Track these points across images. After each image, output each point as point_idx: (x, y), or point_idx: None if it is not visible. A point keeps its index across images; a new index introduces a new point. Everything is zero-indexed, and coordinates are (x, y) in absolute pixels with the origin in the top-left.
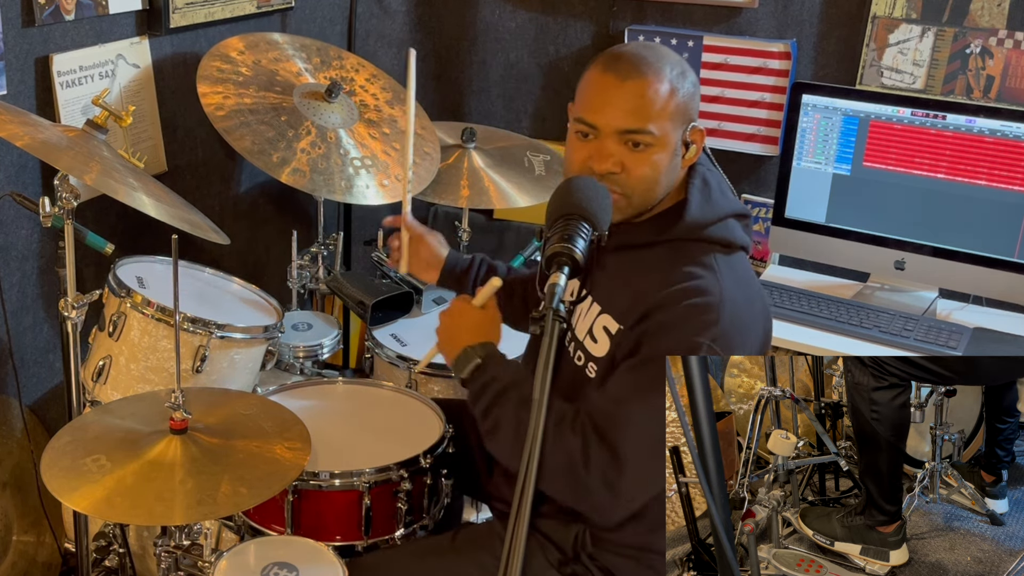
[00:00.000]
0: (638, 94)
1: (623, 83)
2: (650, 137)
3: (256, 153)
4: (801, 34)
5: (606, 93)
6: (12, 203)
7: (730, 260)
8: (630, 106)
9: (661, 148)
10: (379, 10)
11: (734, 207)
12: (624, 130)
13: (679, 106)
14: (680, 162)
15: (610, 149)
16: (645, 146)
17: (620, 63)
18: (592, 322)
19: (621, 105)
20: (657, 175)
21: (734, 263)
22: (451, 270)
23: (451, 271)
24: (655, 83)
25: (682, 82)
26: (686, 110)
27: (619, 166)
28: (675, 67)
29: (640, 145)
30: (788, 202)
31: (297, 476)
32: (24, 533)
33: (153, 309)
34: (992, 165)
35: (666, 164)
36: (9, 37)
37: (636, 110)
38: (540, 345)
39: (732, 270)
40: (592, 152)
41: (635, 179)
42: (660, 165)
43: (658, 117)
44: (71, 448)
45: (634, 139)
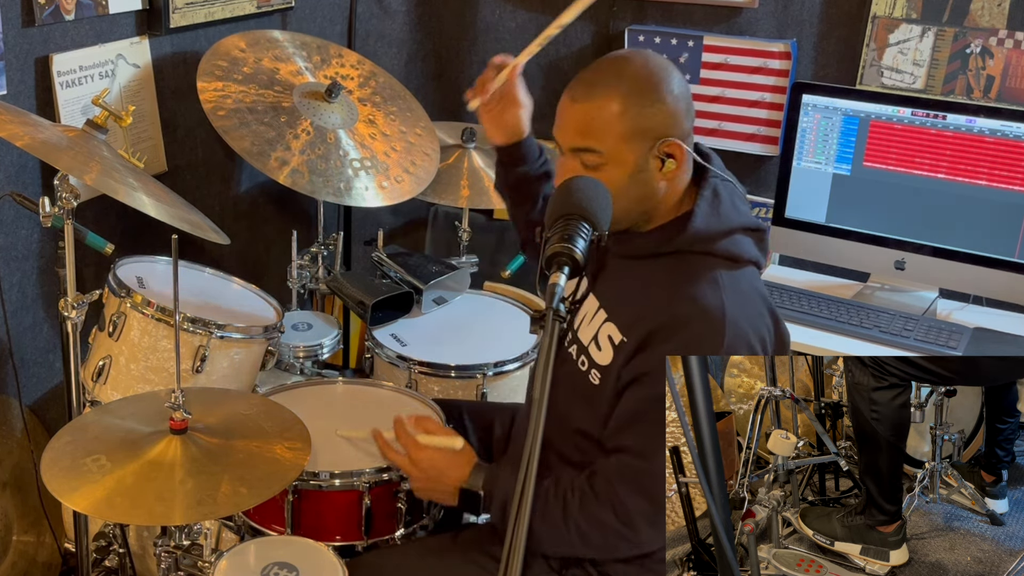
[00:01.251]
0: (584, 114)
1: (573, 104)
2: (595, 156)
3: (255, 154)
4: (801, 34)
5: (563, 113)
6: (12, 203)
7: (735, 276)
8: (576, 126)
9: (614, 165)
10: (379, 10)
11: (744, 221)
12: (573, 148)
13: (635, 125)
14: (652, 176)
15: (570, 165)
16: (594, 165)
17: (577, 84)
18: (598, 329)
19: (570, 124)
20: (615, 188)
21: (739, 279)
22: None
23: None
24: (605, 103)
25: (641, 100)
26: (645, 127)
27: None
28: (636, 84)
29: (589, 165)
30: (788, 202)
31: (297, 476)
32: (24, 533)
33: (153, 309)
34: (992, 165)
35: (624, 180)
36: (9, 37)
37: (581, 130)
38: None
39: (736, 286)
40: (559, 166)
41: None
42: (616, 180)
43: (605, 136)
44: (71, 448)
45: (582, 157)
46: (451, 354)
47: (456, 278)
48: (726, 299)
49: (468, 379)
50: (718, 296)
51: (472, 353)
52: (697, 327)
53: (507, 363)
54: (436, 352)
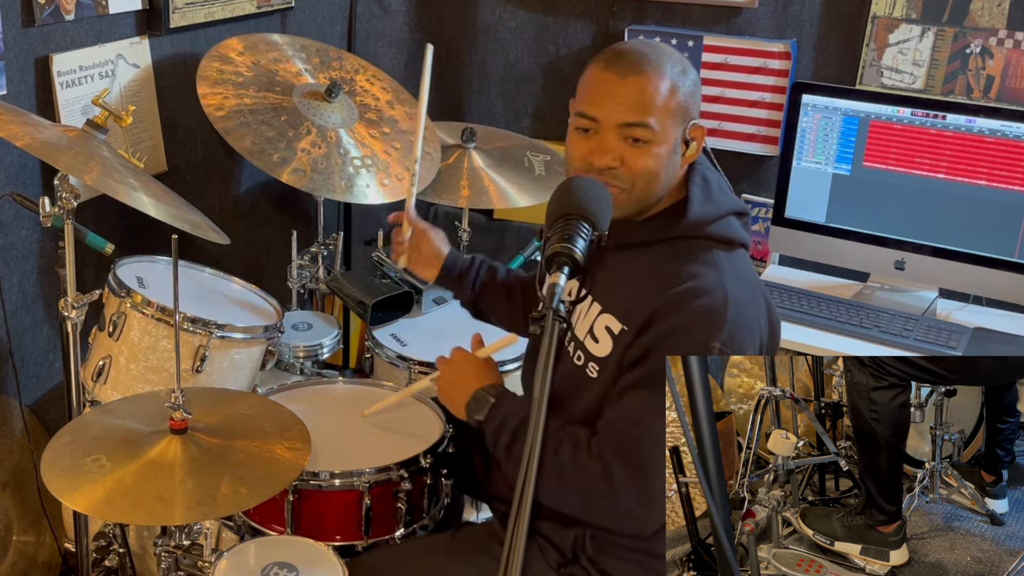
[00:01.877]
0: (639, 89)
1: (624, 78)
2: (649, 132)
3: (256, 153)
4: (801, 34)
5: (608, 88)
6: (12, 203)
7: (732, 257)
8: (631, 101)
9: (660, 143)
10: (379, 10)
11: (734, 205)
12: (624, 123)
13: (679, 103)
14: (680, 159)
15: (610, 144)
16: (644, 141)
17: (622, 59)
18: (593, 321)
19: (622, 100)
20: (657, 169)
21: (735, 260)
22: (450, 269)
23: (450, 270)
24: (656, 79)
25: (683, 80)
26: (686, 107)
27: (619, 160)
28: (676, 65)
29: (640, 140)
30: (788, 202)
31: (297, 476)
32: (24, 533)
33: (153, 309)
34: (992, 165)
35: (666, 159)
36: (9, 37)
37: (636, 105)
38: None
39: (734, 267)
40: (593, 147)
41: (635, 173)
42: (660, 160)
43: (658, 112)
44: (71, 448)
45: (634, 134)
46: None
47: None
48: (725, 278)
49: None
50: (718, 275)
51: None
52: (701, 303)
53: (507, 363)
54: (436, 352)
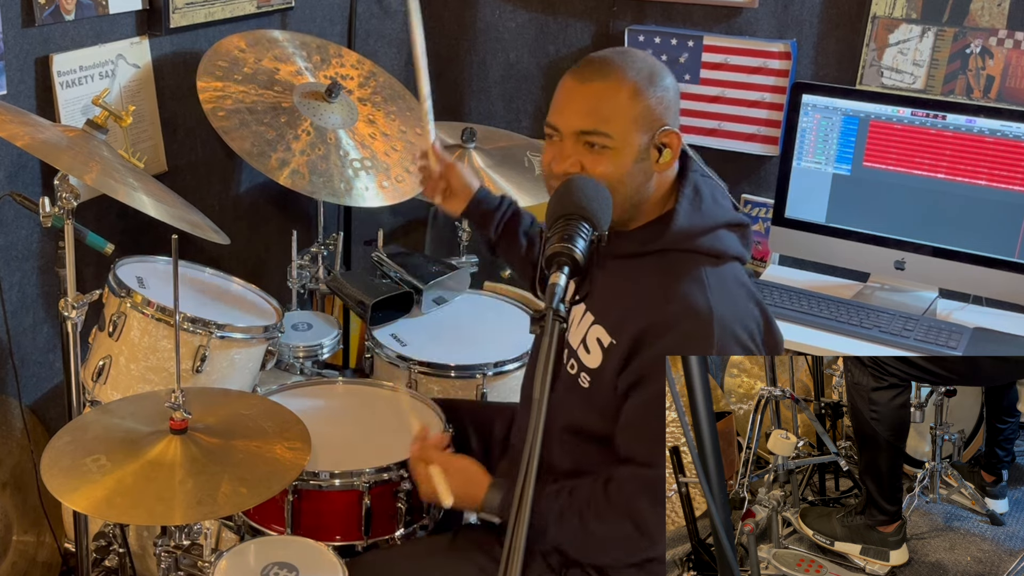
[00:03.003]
0: (596, 96)
1: (583, 85)
2: (605, 139)
3: (255, 155)
4: (801, 34)
5: (568, 95)
6: (12, 203)
7: (720, 272)
8: (587, 107)
9: (621, 149)
10: (379, 10)
11: (727, 217)
12: (580, 131)
13: (644, 109)
14: (650, 166)
15: (569, 150)
16: (601, 147)
17: (586, 67)
18: (585, 332)
19: (578, 107)
20: (619, 175)
21: (724, 274)
22: (478, 204)
23: (478, 205)
24: (615, 85)
25: (649, 86)
26: (652, 114)
27: (577, 166)
28: (643, 71)
29: (596, 146)
30: (788, 202)
31: (297, 476)
32: (24, 533)
33: (153, 309)
34: (992, 165)
35: (628, 166)
36: (9, 37)
37: (592, 111)
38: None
39: (722, 283)
40: (556, 153)
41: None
42: (621, 166)
43: (617, 119)
44: (71, 448)
45: (590, 140)
46: (451, 354)
47: (456, 278)
48: (711, 296)
49: (468, 379)
50: (704, 294)
51: (472, 353)
52: (685, 326)
53: (507, 363)
54: (436, 352)
